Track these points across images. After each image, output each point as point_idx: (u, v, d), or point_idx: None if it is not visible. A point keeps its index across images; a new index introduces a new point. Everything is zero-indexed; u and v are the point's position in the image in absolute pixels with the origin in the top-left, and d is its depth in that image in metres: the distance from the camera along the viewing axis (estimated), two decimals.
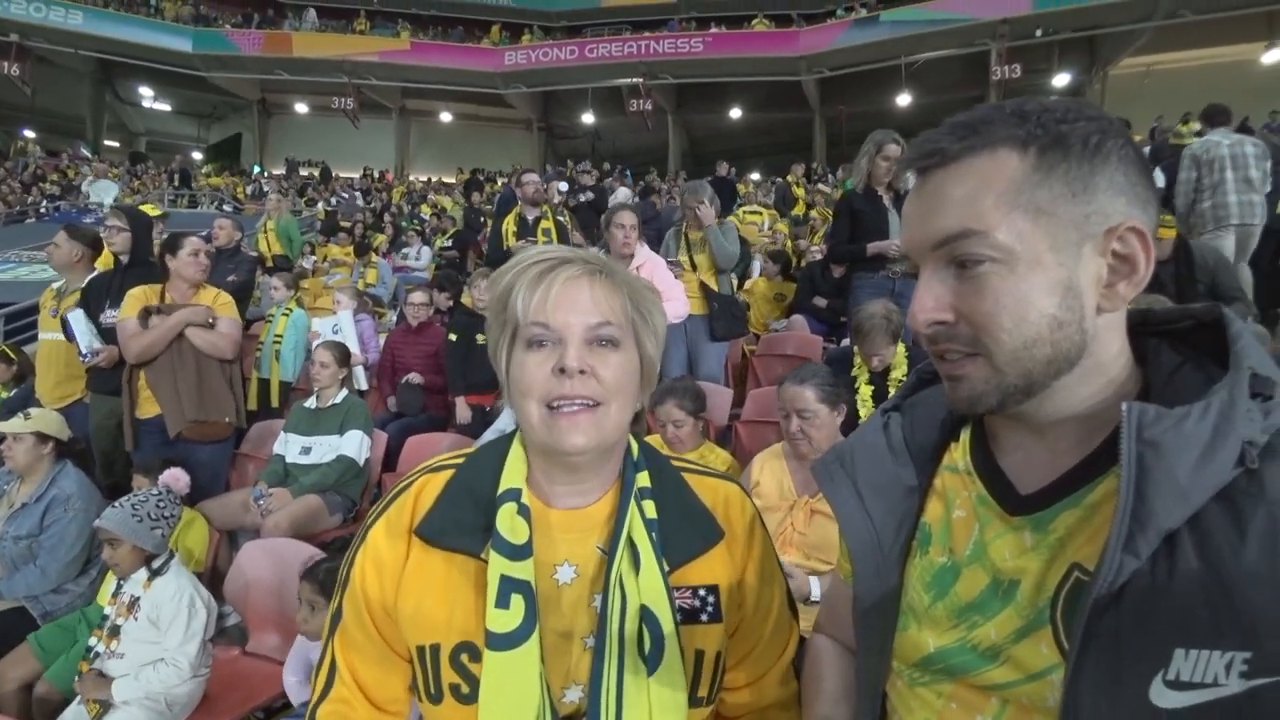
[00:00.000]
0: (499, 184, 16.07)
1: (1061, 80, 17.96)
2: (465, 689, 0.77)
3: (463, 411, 3.96)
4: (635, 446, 0.87)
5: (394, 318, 6.35)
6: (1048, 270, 0.56)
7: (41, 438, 2.71)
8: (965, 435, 0.70)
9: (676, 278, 3.62)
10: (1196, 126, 6.00)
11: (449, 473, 0.86)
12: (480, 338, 4.02)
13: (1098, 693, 0.51)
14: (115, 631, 2.15)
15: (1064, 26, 16.43)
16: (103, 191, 12.70)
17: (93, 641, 2.18)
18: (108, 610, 2.21)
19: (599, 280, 0.80)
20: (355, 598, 0.84)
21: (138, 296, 3.10)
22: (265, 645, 2.48)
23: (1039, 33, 16.54)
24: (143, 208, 4.05)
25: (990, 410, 0.60)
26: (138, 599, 2.17)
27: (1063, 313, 0.56)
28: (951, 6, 17.16)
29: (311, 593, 1.98)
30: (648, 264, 3.40)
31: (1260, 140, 4.78)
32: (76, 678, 2.14)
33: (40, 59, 19.36)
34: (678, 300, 3.42)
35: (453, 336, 4.06)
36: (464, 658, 0.78)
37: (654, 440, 2.60)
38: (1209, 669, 0.48)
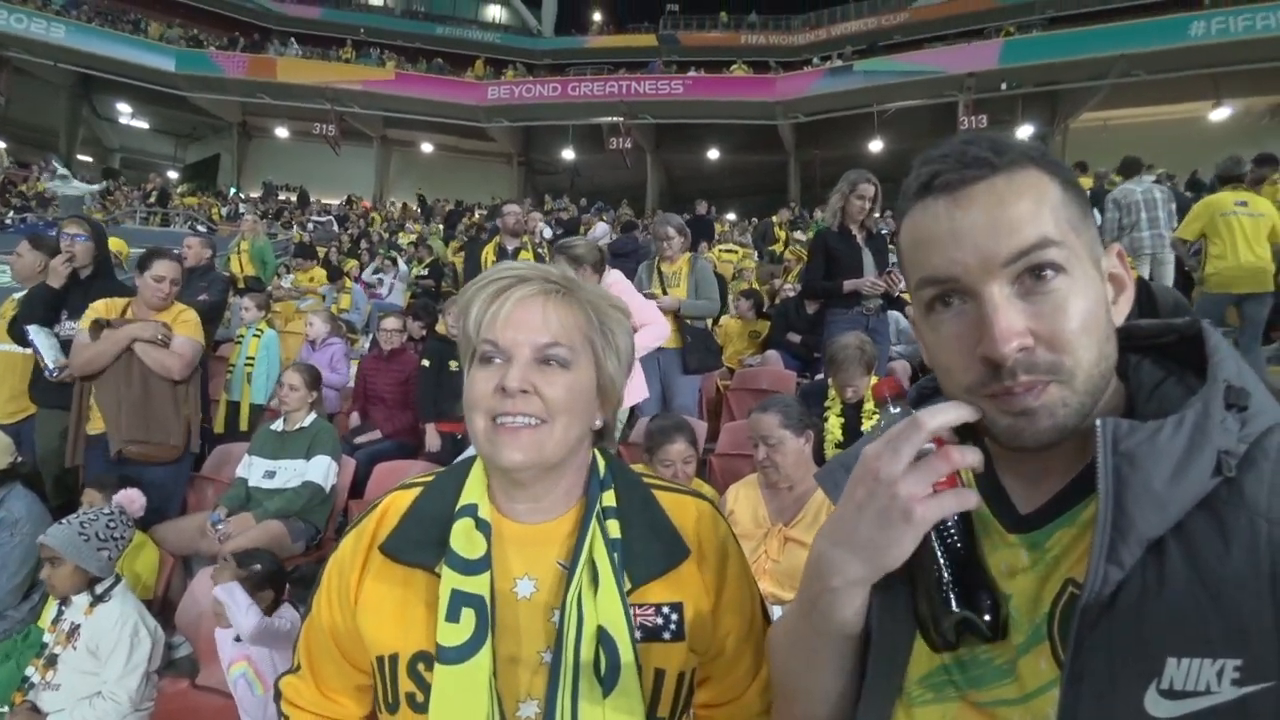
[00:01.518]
0: (476, 215, 16.16)
1: (1025, 131, 18.73)
2: (420, 698, 0.77)
3: (432, 438, 3.90)
4: (602, 464, 0.87)
5: (366, 343, 6.28)
6: (1095, 283, 0.57)
7: None
8: None
9: None
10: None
11: (416, 490, 0.88)
12: (453, 364, 3.98)
13: (1093, 703, 0.51)
14: (53, 661, 2.05)
15: (1027, 81, 17.34)
16: (72, 190, 12.44)
17: (29, 671, 2.07)
18: (46, 638, 2.10)
19: (554, 299, 0.80)
20: (321, 598, 0.89)
21: (98, 309, 3.02)
22: (217, 678, 2.36)
23: (1004, 86, 17.42)
24: (111, 242, 3.94)
25: (1066, 439, 0.57)
26: (78, 626, 2.07)
27: (1108, 325, 0.58)
28: (922, 59, 17.98)
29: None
30: (615, 286, 3.31)
31: (1166, 187, 5.89)
32: (7, 710, 2.02)
33: (17, 69, 19.15)
34: (655, 325, 3.32)
35: (426, 363, 4.02)
36: (420, 667, 0.78)
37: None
38: (1201, 677, 0.48)
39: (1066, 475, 0.60)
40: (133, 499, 2.54)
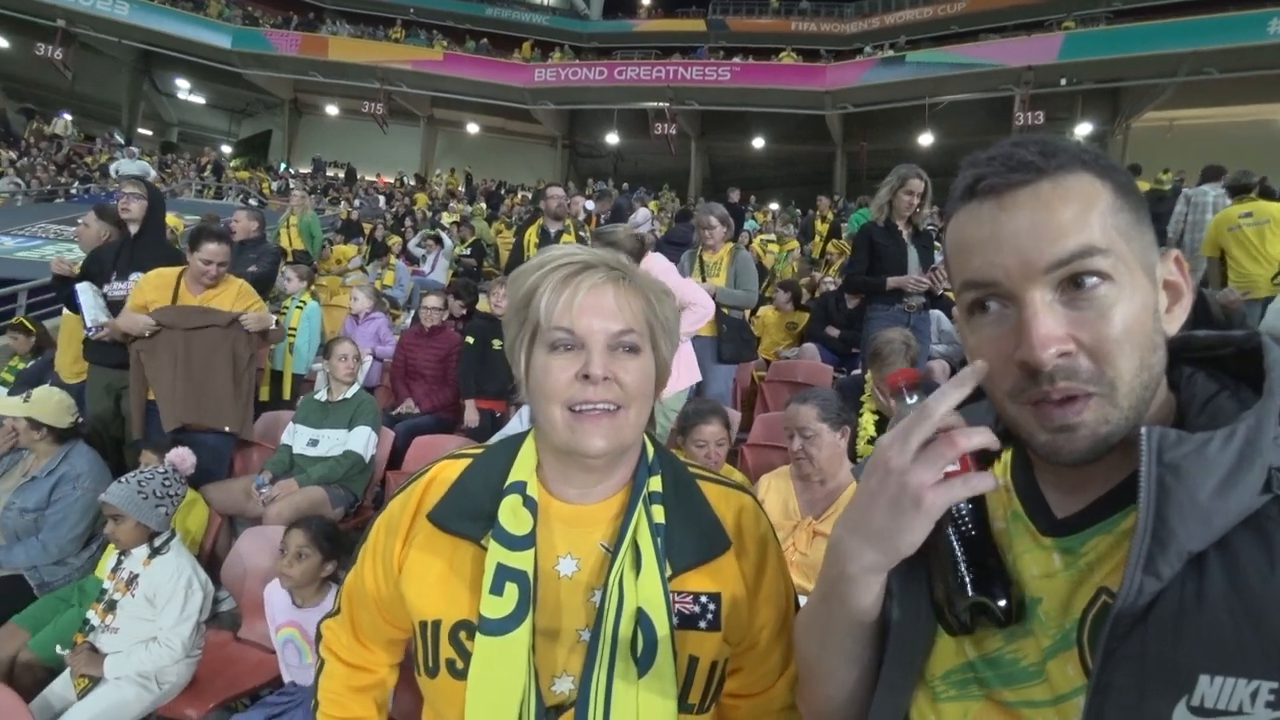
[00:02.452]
0: (519, 197, 16.26)
1: (1084, 129, 18.07)
2: (460, 664, 0.79)
3: (471, 414, 3.97)
4: (651, 449, 0.88)
5: (408, 319, 6.40)
6: (1143, 291, 0.56)
7: (34, 423, 2.70)
8: (1007, 455, 0.70)
9: None
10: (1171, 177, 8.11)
11: (466, 461, 0.90)
12: (496, 343, 4.04)
13: (1119, 715, 0.51)
14: (112, 606, 2.16)
15: (1088, 77, 16.61)
16: (132, 169, 12.88)
17: (90, 615, 2.19)
18: (106, 584, 2.22)
19: (622, 286, 0.81)
20: (366, 555, 0.93)
21: (156, 282, 3.12)
22: (257, 632, 2.48)
23: (1063, 82, 16.71)
24: (167, 220, 4.08)
25: (1106, 454, 0.56)
26: (136, 576, 2.18)
27: (1156, 335, 0.56)
28: (978, 51, 17.41)
29: (303, 540, 2.06)
30: (656, 270, 3.28)
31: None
32: (69, 650, 2.14)
33: (84, 45, 19.82)
34: (699, 306, 3.28)
35: (470, 340, 4.08)
36: (462, 635, 0.80)
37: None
38: (1235, 697, 0.47)
39: (1107, 483, 0.59)
40: (184, 457, 2.66)
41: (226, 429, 3.17)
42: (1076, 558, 0.59)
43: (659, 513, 0.83)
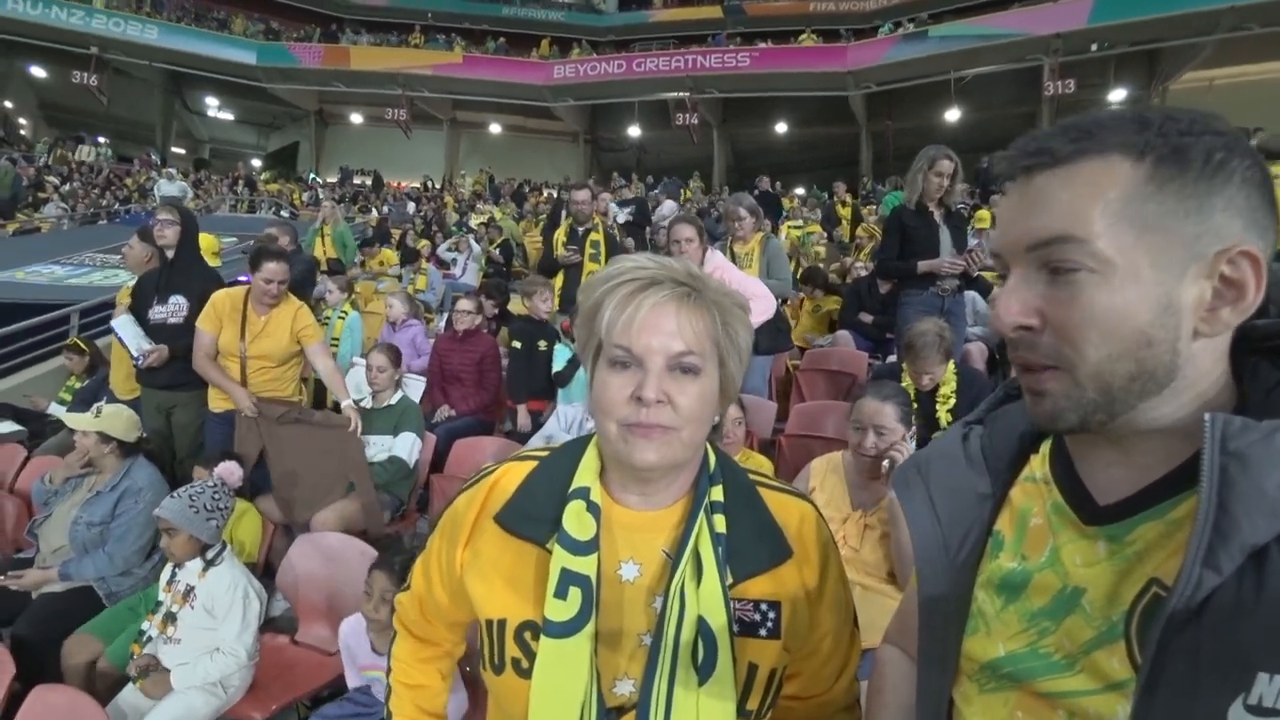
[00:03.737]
0: (544, 195, 16.34)
1: (1118, 96, 17.46)
2: (525, 663, 0.81)
3: (523, 418, 4.03)
4: (713, 459, 0.88)
5: (441, 323, 6.49)
6: (1145, 286, 0.54)
7: (104, 437, 2.80)
8: (1045, 447, 0.70)
9: None
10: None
11: (532, 464, 0.91)
12: (541, 344, 4.10)
13: (1171, 710, 0.50)
14: (171, 619, 2.24)
15: (1121, 41, 15.99)
16: (172, 190, 13.29)
17: (145, 625, 2.27)
18: (162, 597, 2.30)
19: (687, 304, 0.80)
20: (435, 543, 0.97)
21: (226, 304, 3.24)
22: (314, 636, 2.56)
23: (1094, 47, 16.15)
24: (202, 238, 4.19)
25: (1071, 429, 0.59)
26: (192, 588, 2.25)
27: (1155, 330, 0.54)
28: (1003, 22, 16.89)
29: (386, 583, 1.96)
30: (720, 269, 3.26)
31: None
32: (130, 661, 2.23)
33: (116, 70, 20.42)
34: (762, 298, 3.26)
35: (516, 344, 4.14)
36: (527, 635, 0.82)
37: None
38: None
39: (1156, 470, 0.58)
40: (231, 470, 2.73)
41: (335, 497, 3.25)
42: (1123, 546, 0.58)
43: (720, 522, 0.83)
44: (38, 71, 21.24)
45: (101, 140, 20.73)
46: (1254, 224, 0.54)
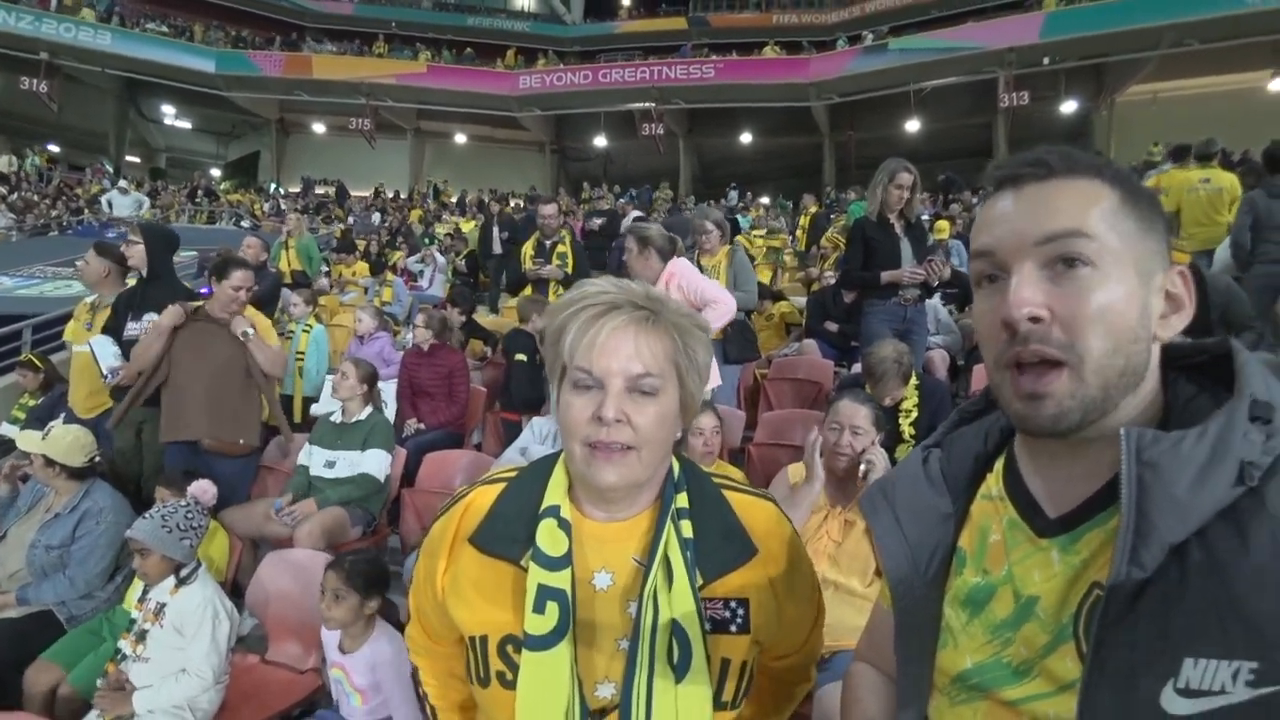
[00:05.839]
0: (509, 205, 16.28)
1: (1069, 107, 18.13)
2: (509, 675, 0.85)
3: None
4: (677, 467, 0.93)
5: (409, 335, 6.44)
6: (1133, 287, 0.61)
7: (48, 460, 2.73)
8: (999, 465, 0.75)
9: None
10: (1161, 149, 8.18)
11: (500, 487, 0.94)
12: (539, 356, 4.11)
13: (1113, 698, 0.55)
14: (142, 636, 2.20)
15: (1071, 55, 16.67)
16: (123, 207, 12.94)
17: (121, 644, 2.23)
18: (135, 615, 2.26)
19: (645, 327, 0.84)
20: (420, 571, 0.99)
21: (172, 315, 3.19)
22: (285, 654, 2.53)
23: (1046, 61, 16.78)
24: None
25: (1070, 430, 0.61)
26: (164, 605, 2.21)
27: (1139, 329, 0.61)
28: (960, 35, 17.45)
29: (337, 582, 2.06)
30: (677, 275, 3.23)
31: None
32: (98, 683, 2.18)
33: (68, 76, 19.83)
34: (720, 302, 3.23)
35: (520, 357, 4.16)
36: (509, 648, 0.86)
37: None
38: (1216, 677, 0.51)
39: (1097, 480, 0.64)
40: (205, 489, 2.69)
41: (241, 441, 3.26)
42: (1073, 555, 0.63)
43: (687, 528, 0.87)
44: None
45: (53, 149, 20.02)
46: (1167, 253, 0.64)
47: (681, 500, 0.90)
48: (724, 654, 0.87)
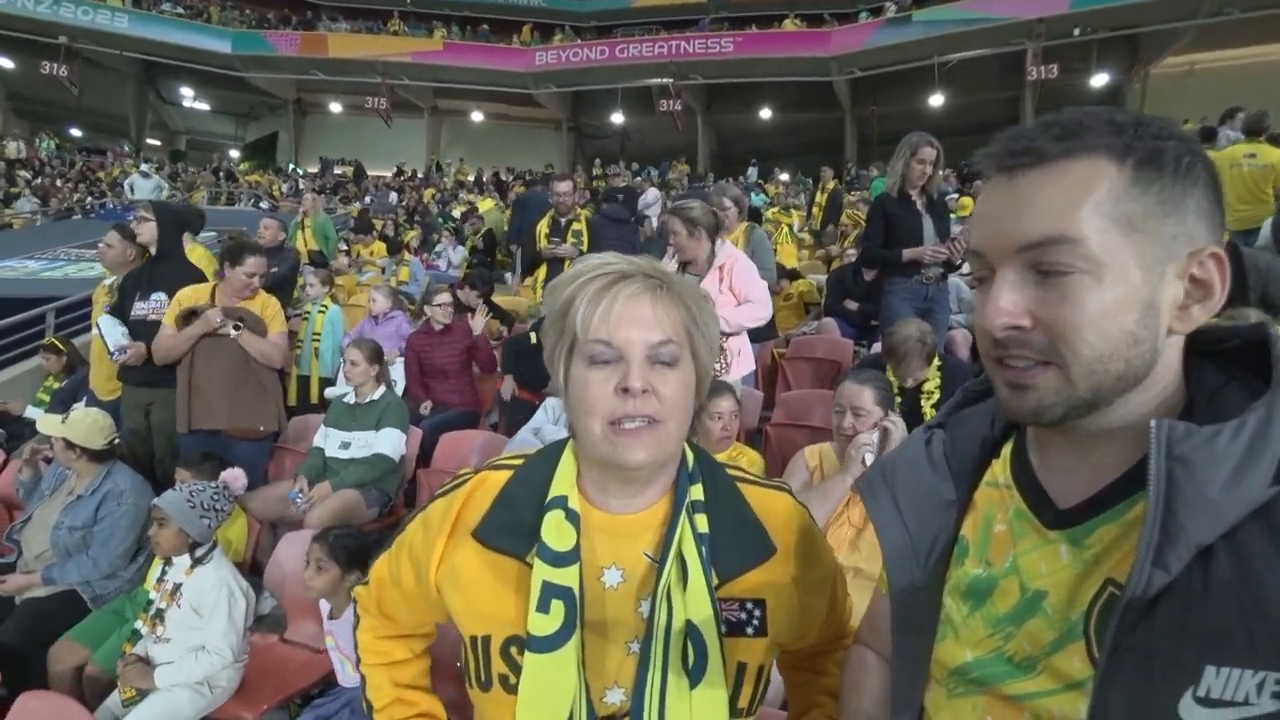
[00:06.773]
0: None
1: (1100, 80, 17.54)
2: (513, 680, 0.80)
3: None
4: (691, 457, 0.87)
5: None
6: (1132, 286, 0.55)
7: (69, 443, 2.75)
8: (1006, 451, 0.70)
9: None
10: (1192, 127, 7.65)
11: (507, 474, 0.88)
12: None
13: (1126, 705, 0.51)
14: (160, 616, 2.23)
15: (1103, 25, 16.02)
16: (145, 190, 13.05)
17: (138, 624, 2.27)
18: (152, 595, 2.29)
19: (660, 295, 0.79)
20: (403, 551, 0.94)
21: (186, 297, 3.19)
22: (303, 633, 2.56)
23: (1076, 32, 16.17)
24: (195, 196, 4.16)
25: (1053, 423, 0.59)
26: (180, 585, 2.24)
27: (1140, 330, 0.55)
28: (986, 6, 16.86)
29: (320, 554, 2.15)
30: (729, 262, 3.13)
31: None
32: (119, 660, 2.21)
33: (87, 60, 19.95)
34: (760, 303, 3.12)
35: (533, 338, 4.14)
36: (513, 650, 0.81)
37: None
38: (1240, 687, 0.48)
39: (1112, 471, 0.59)
40: (236, 477, 2.71)
41: (263, 428, 3.29)
42: (1083, 549, 0.59)
43: (702, 522, 0.82)
44: (4, 62, 20.66)
45: (75, 133, 20.21)
46: (1213, 226, 0.57)
47: (696, 492, 0.84)
48: (740, 658, 0.82)
